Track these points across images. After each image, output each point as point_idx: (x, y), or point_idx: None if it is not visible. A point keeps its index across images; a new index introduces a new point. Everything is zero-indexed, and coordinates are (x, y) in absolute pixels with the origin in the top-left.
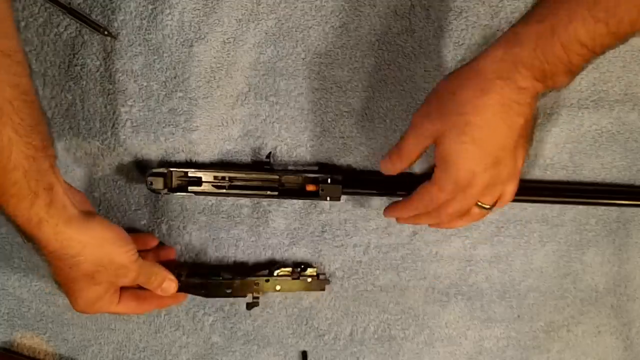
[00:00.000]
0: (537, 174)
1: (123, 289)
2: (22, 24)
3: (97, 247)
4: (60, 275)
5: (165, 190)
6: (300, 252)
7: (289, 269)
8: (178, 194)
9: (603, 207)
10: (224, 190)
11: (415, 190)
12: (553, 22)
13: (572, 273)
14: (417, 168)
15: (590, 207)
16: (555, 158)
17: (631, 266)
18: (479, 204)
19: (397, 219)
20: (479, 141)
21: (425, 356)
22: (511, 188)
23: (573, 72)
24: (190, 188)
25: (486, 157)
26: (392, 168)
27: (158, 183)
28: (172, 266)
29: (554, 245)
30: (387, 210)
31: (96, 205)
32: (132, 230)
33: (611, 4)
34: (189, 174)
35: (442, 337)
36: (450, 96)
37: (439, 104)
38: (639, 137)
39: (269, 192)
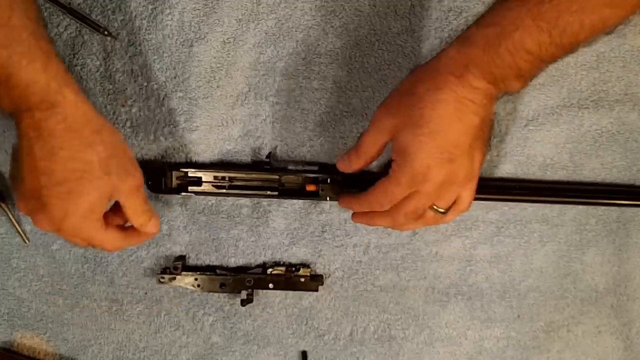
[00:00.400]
0: (537, 174)
1: (106, 219)
2: None
3: (113, 132)
4: (64, 168)
5: (165, 191)
6: (300, 252)
7: (283, 268)
8: (178, 194)
9: (603, 207)
10: (224, 190)
11: (372, 187)
12: (500, 27)
13: (572, 273)
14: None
15: (590, 207)
16: (555, 158)
17: (631, 266)
18: (434, 207)
19: (353, 216)
20: (434, 134)
21: (425, 356)
22: (468, 193)
23: (524, 77)
24: (190, 188)
25: (441, 152)
26: (349, 165)
27: (158, 183)
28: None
29: (554, 245)
30: (343, 200)
31: None
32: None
33: (553, 15)
34: (189, 174)
35: (442, 337)
36: (408, 92)
37: (398, 100)
38: (639, 137)
39: (269, 192)
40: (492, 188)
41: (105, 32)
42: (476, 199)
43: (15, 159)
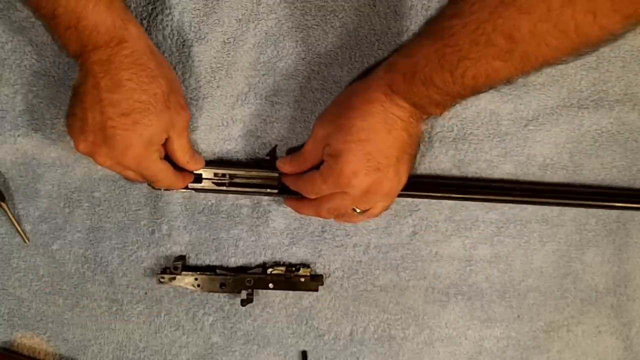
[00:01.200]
0: (537, 174)
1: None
2: (23, 24)
3: (170, 68)
4: (130, 99)
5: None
6: (300, 252)
7: (283, 268)
8: (178, 191)
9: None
10: (224, 188)
11: (306, 174)
12: (416, 60)
13: (572, 273)
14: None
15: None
16: (555, 158)
17: (631, 266)
18: (354, 207)
19: (285, 200)
20: (364, 142)
21: (425, 356)
22: (383, 204)
23: (443, 106)
24: (190, 185)
25: (369, 159)
26: (288, 168)
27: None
28: None
29: (554, 245)
30: (284, 177)
31: (96, 205)
32: (132, 231)
33: (454, 58)
34: None
35: (442, 337)
36: (342, 104)
37: (334, 111)
38: (639, 137)
39: (269, 190)
40: (492, 189)
41: None
42: (476, 199)
43: (77, 97)
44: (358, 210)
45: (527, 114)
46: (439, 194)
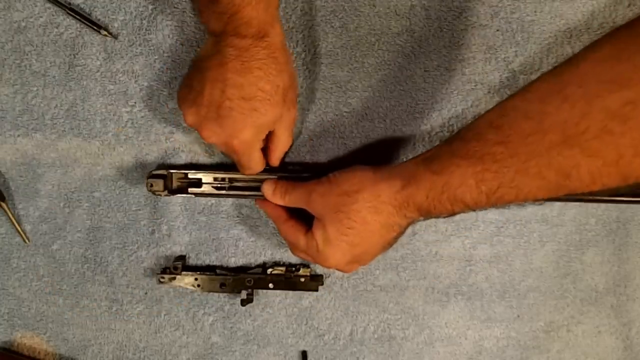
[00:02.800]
0: None
1: None
2: (23, 24)
3: (293, 66)
4: (255, 86)
5: (166, 192)
6: None
7: (283, 268)
8: (178, 195)
9: (603, 207)
10: (224, 192)
11: (294, 224)
12: (447, 179)
13: (572, 273)
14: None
15: (590, 207)
16: None
17: (631, 266)
18: None
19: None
20: (355, 246)
21: (425, 356)
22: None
23: (454, 215)
24: (190, 189)
25: (353, 256)
26: (269, 195)
27: (158, 185)
28: None
29: (554, 245)
30: (259, 201)
31: (96, 205)
32: (132, 231)
33: (494, 184)
34: (189, 176)
35: (442, 337)
36: (348, 196)
37: (337, 195)
38: None
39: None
40: None
41: (106, 32)
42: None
43: (198, 70)
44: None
45: None
46: None
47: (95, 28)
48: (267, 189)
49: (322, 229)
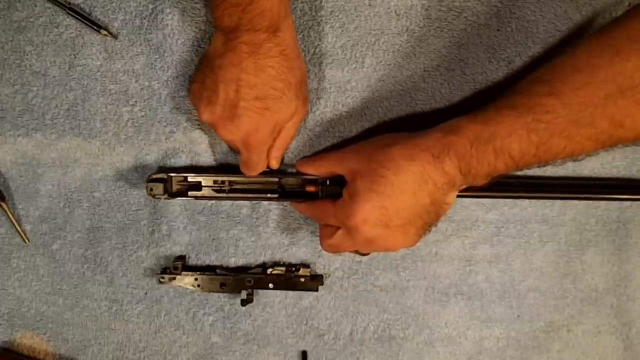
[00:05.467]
0: (537, 172)
1: None
2: (23, 24)
3: (304, 61)
4: (268, 85)
5: (166, 196)
6: (300, 252)
7: (283, 268)
8: (178, 199)
9: (603, 207)
10: (224, 195)
11: (320, 199)
12: (494, 129)
13: (572, 273)
14: None
15: (591, 207)
16: None
17: (631, 266)
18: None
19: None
20: (385, 197)
21: (425, 356)
22: (378, 251)
23: (492, 177)
24: (190, 193)
25: (382, 214)
26: (306, 170)
27: (158, 188)
28: None
29: (554, 245)
30: (293, 202)
31: (96, 205)
32: (132, 231)
33: (546, 134)
34: (189, 179)
35: (442, 337)
36: (382, 149)
37: (371, 151)
38: None
39: (269, 195)
40: (492, 185)
41: (106, 32)
42: (476, 196)
43: (209, 68)
44: (360, 253)
45: None
46: None
47: (95, 28)
48: (304, 164)
49: (352, 183)
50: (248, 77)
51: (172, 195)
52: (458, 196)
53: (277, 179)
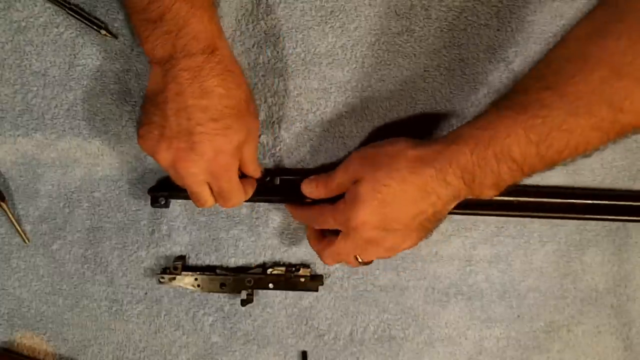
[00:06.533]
0: (536, 181)
1: None
2: (23, 24)
3: (244, 75)
4: (219, 105)
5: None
6: (300, 252)
7: (283, 268)
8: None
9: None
10: None
11: (318, 204)
12: (493, 132)
13: (572, 273)
14: None
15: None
16: None
17: (631, 266)
18: (356, 257)
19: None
20: (386, 205)
21: (425, 356)
22: (380, 256)
23: (499, 187)
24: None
25: (382, 219)
26: (314, 192)
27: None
28: None
29: (554, 245)
30: (288, 205)
31: (96, 205)
32: (132, 231)
33: (544, 130)
34: None
35: (442, 337)
36: (387, 157)
37: (375, 157)
38: (639, 137)
39: (269, 197)
40: (491, 204)
41: (105, 32)
42: (475, 214)
43: (155, 105)
44: (360, 260)
45: None
46: None
47: (95, 28)
48: (308, 186)
49: (355, 187)
50: (197, 101)
51: (173, 197)
52: (457, 213)
53: (277, 182)
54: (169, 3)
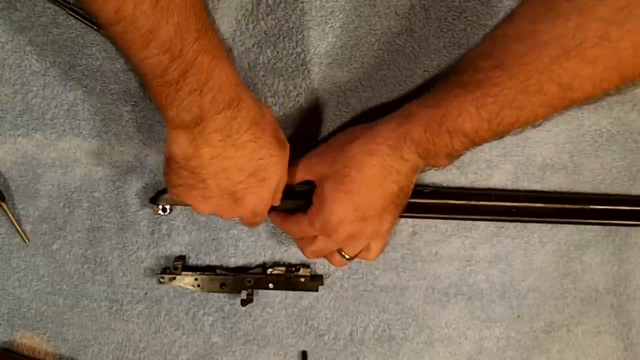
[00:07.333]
0: (536, 174)
1: None
2: (24, 24)
3: (267, 106)
4: (253, 159)
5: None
6: (299, 252)
7: (283, 268)
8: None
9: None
10: None
11: (293, 215)
12: (445, 110)
13: (572, 273)
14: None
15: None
16: (554, 158)
17: (631, 266)
18: (342, 253)
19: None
20: (353, 194)
21: (425, 356)
22: (377, 246)
23: (453, 156)
24: None
25: (356, 210)
26: (280, 222)
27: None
28: None
29: (554, 245)
30: (271, 214)
31: (96, 205)
32: (132, 231)
33: (495, 108)
34: None
35: (442, 337)
36: (341, 148)
37: (331, 152)
38: (638, 137)
39: None
40: (488, 213)
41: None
42: (475, 219)
43: (187, 170)
44: (347, 256)
45: None
46: (434, 215)
47: (95, 28)
48: (275, 218)
49: (320, 188)
50: (233, 162)
51: (176, 203)
52: (455, 218)
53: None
54: (191, 58)
